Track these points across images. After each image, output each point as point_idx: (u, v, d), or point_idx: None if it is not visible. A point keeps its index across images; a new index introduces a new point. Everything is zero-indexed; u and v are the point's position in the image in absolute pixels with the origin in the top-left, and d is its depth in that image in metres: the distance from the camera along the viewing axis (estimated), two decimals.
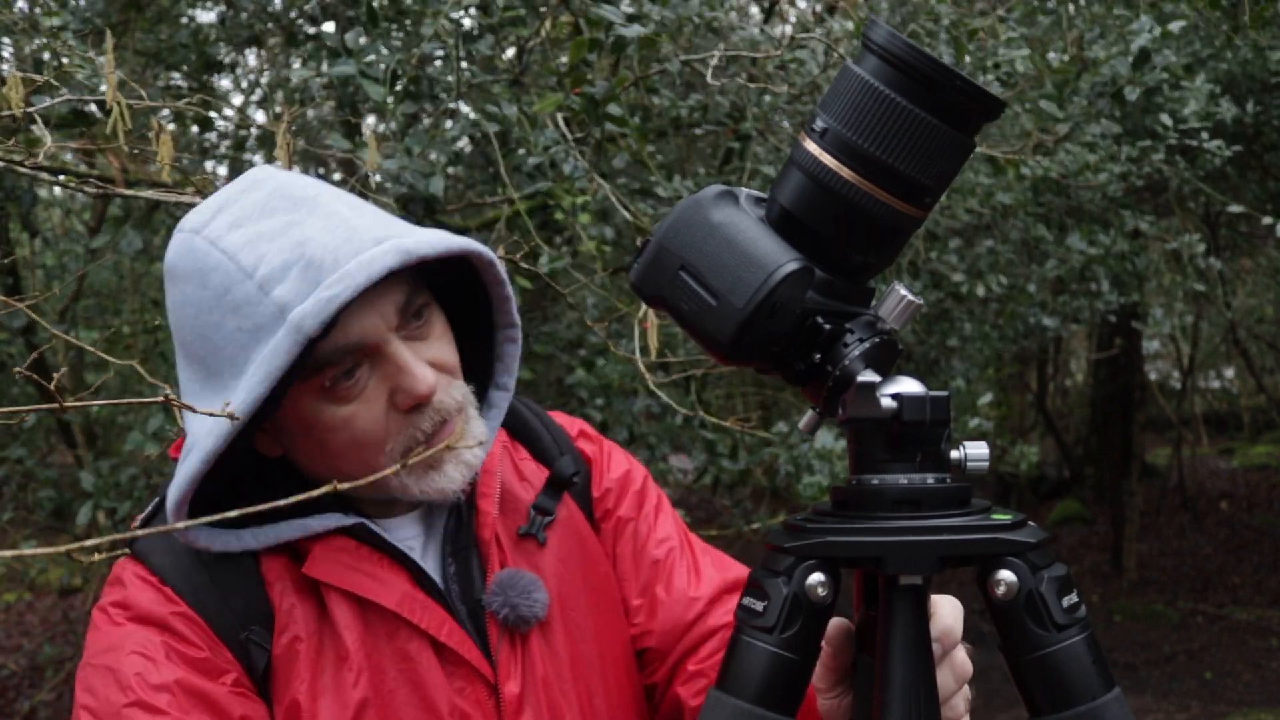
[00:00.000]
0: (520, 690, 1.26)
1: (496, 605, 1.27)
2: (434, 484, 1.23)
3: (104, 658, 1.18)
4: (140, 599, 1.20)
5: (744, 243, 1.06)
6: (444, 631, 1.23)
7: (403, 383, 1.19)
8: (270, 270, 1.14)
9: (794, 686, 1.05)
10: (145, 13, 4.07)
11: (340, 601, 1.22)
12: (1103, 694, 1.03)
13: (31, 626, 8.01)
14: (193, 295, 1.18)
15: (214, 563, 1.22)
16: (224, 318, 1.15)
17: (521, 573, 1.30)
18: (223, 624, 1.20)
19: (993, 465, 1.09)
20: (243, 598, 1.21)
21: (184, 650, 1.18)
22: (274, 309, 1.13)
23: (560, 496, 1.39)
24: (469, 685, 1.24)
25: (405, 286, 1.21)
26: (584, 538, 1.40)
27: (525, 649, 1.29)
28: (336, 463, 1.22)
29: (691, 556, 1.45)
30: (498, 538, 1.32)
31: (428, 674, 1.23)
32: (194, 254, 1.18)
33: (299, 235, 1.16)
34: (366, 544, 1.25)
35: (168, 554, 1.22)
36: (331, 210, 1.19)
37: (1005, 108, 1.05)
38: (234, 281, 1.15)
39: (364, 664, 1.21)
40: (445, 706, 1.22)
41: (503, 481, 1.36)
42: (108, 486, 3.67)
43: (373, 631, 1.22)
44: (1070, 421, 13.82)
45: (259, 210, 1.18)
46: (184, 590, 1.20)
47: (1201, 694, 7.30)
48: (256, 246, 1.16)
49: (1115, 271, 5.44)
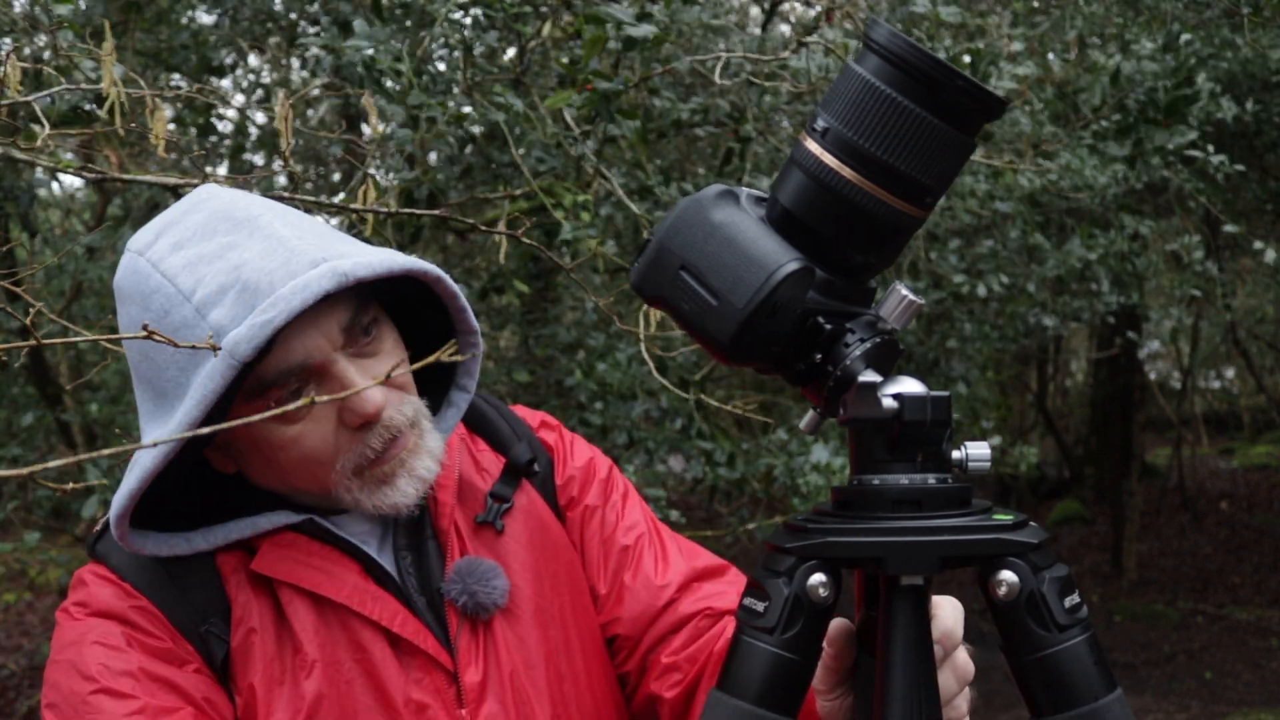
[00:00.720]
0: (482, 678, 1.27)
1: (455, 593, 1.28)
2: (387, 499, 1.25)
3: (66, 652, 1.20)
4: (100, 595, 1.22)
5: (744, 242, 1.06)
6: (396, 622, 1.25)
7: (350, 402, 1.20)
8: (207, 294, 1.15)
9: (795, 687, 1.05)
10: (145, 14, 4.07)
11: (294, 596, 1.24)
12: (1105, 694, 1.03)
13: (31, 626, 8.01)
14: (137, 317, 1.19)
15: (172, 561, 1.24)
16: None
17: (480, 560, 1.31)
18: (182, 617, 1.22)
19: (993, 466, 1.09)
20: (201, 592, 1.23)
21: (145, 640, 1.20)
22: (209, 332, 1.14)
23: (518, 484, 1.40)
24: (426, 675, 1.25)
25: (350, 304, 1.22)
26: (547, 525, 1.41)
27: (488, 637, 1.30)
28: (287, 478, 1.24)
29: (660, 544, 1.46)
30: (456, 527, 1.33)
31: (382, 665, 1.24)
32: (137, 275, 1.20)
33: (236, 259, 1.17)
34: (317, 539, 1.27)
35: (126, 554, 1.24)
36: (271, 232, 1.19)
37: (1007, 107, 1.04)
38: (173, 305, 1.17)
39: (318, 656, 1.22)
40: (400, 697, 1.23)
41: (460, 472, 1.37)
42: (114, 482, 3.68)
43: (327, 624, 1.24)
44: (1070, 421, 13.82)
45: (199, 232, 1.20)
46: (142, 585, 1.22)
47: (1201, 694, 7.30)
48: (195, 269, 1.17)
49: (1115, 272, 5.44)
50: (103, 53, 1.89)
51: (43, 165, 2.13)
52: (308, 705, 1.21)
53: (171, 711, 1.16)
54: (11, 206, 3.59)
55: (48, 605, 8.19)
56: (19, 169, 3.68)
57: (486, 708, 1.27)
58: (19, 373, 4.95)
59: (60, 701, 1.17)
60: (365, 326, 1.23)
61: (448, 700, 1.25)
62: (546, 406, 4.20)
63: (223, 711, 1.20)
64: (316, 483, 1.23)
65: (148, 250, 1.21)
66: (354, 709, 1.22)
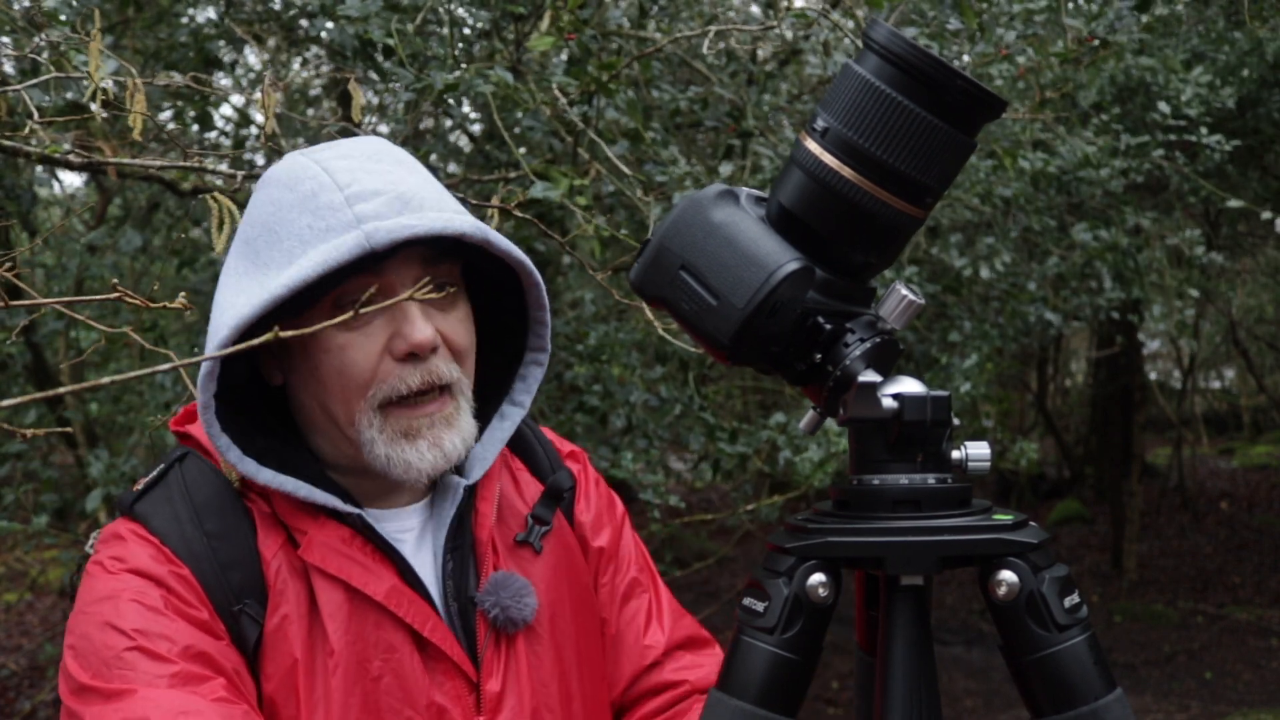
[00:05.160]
0: (501, 689, 1.30)
1: (488, 605, 1.30)
2: (402, 454, 1.26)
3: (100, 606, 1.19)
4: (139, 553, 1.22)
5: (744, 242, 1.06)
6: (428, 627, 1.27)
7: (403, 328, 1.24)
8: (360, 190, 1.22)
9: (794, 687, 1.05)
10: (144, 12, 4.07)
11: (329, 589, 1.24)
12: (1104, 694, 1.03)
13: (31, 626, 8.01)
14: (277, 196, 1.26)
15: (216, 534, 1.24)
16: (300, 215, 1.23)
17: (515, 576, 1.33)
18: (219, 593, 1.22)
19: (992, 463, 1.09)
20: (239, 572, 1.23)
21: (183, 608, 1.20)
22: (351, 218, 1.20)
23: (555, 508, 1.43)
24: (449, 680, 1.27)
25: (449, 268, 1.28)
26: (572, 551, 1.44)
27: (511, 650, 1.32)
28: (323, 394, 1.27)
29: (656, 602, 1.50)
30: (494, 541, 1.36)
31: (408, 666, 1.26)
32: (295, 167, 1.28)
33: (396, 177, 1.26)
34: (361, 535, 1.28)
35: (171, 520, 1.24)
36: (430, 178, 1.30)
37: (1007, 106, 1.04)
38: (323, 189, 1.23)
39: (345, 650, 1.23)
40: (423, 699, 1.25)
41: (501, 489, 1.40)
42: (114, 476, 3.68)
43: (359, 619, 1.25)
44: (1070, 421, 13.81)
45: (367, 157, 1.28)
46: (183, 555, 1.22)
47: (1201, 694, 7.29)
48: (355, 172, 1.25)
49: (1117, 268, 5.43)
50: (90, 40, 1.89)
51: (31, 153, 2.12)
52: (339, 697, 1.22)
53: (205, 680, 1.16)
54: (12, 206, 3.59)
55: (48, 605, 8.19)
56: (19, 168, 3.68)
57: (503, 718, 1.29)
58: (20, 373, 4.95)
59: (90, 653, 1.17)
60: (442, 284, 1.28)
61: (466, 707, 1.28)
62: (544, 394, 4.21)
63: (249, 688, 1.21)
64: (346, 407, 1.25)
65: (313, 153, 1.29)
66: (379, 706, 1.24)
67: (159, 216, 5.31)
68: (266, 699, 1.22)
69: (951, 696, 6.82)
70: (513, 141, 3.04)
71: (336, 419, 1.27)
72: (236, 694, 1.18)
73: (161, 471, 1.29)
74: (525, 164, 2.88)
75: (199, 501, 1.25)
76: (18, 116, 2.09)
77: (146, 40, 4.18)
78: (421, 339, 1.23)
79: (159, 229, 5.30)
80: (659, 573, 1.56)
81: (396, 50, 2.80)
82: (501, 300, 1.38)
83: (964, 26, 3.52)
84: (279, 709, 1.21)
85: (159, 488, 1.27)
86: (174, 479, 1.27)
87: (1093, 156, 4.55)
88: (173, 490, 1.26)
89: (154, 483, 1.28)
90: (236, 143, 4.39)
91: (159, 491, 1.27)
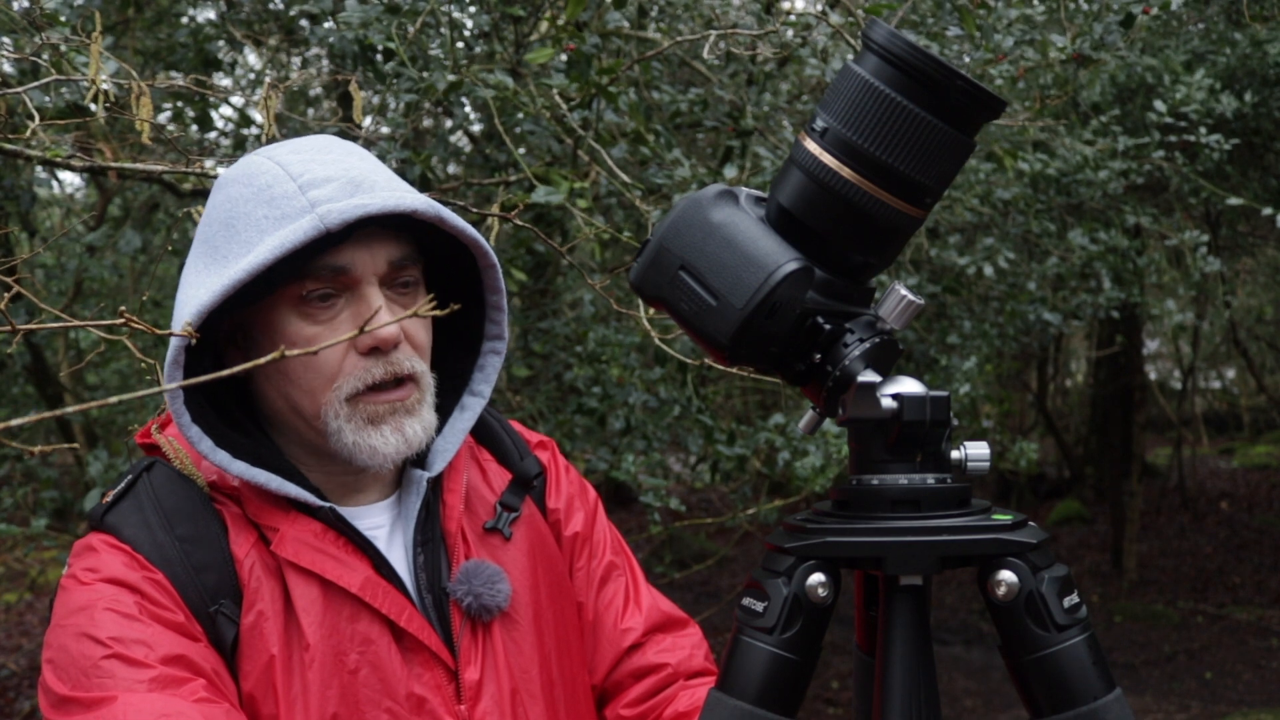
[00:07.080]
0: (480, 677, 1.31)
1: (461, 594, 1.32)
2: (367, 440, 1.28)
3: (75, 617, 1.20)
4: (111, 562, 1.23)
5: (744, 243, 1.06)
6: (404, 617, 1.28)
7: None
8: (313, 178, 1.26)
9: (794, 687, 1.05)
10: (144, 12, 4.07)
11: (303, 583, 1.25)
12: (1104, 694, 1.03)
13: (31, 626, 8.01)
14: (234, 193, 1.29)
15: (188, 538, 1.25)
16: (256, 208, 1.25)
17: (486, 564, 1.35)
18: (193, 595, 1.23)
19: (992, 463, 1.09)
20: (213, 573, 1.24)
21: (158, 612, 1.20)
22: (305, 203, 1.23)
23: (524, 496, 1.45)
24: (427, 671, 1.28)
25: (404, 250, 1.30)
26: (545, 537, 1.45)
27: (488, 638, 1.33)
28: (288, 387, 1.28)
29: (633, 586, 1.51)
30: (463, 531, 1.37)
31: (386, 658, 1.26)
32: (250, 165, 1.31)
33: (347, 164, 1.29)
34: (333, 529, 1.29)
35: (141, 527, 1.25)
36: (381, 165, 1.33)
37: (1006, 106, 1.04)
38: (277, 181, 1.27)
39: (320, 644, 1.24)
40: (402, 690, 1.26)
41: (468, 480, 1.41)
42: (114, 476, 3.69)
43: (334, 613, 1.25)
44: (1070, 421, 13.81)
45: (318, 149, 1.32)
46: (155, 560, 1.23)
47: (1201, 694, 7.29)
48: (307, 163, 1.28)
49: (1116, 268, 5.43)
50: (91, 41, 1.89)
51: (32, 155, 2.13)
52: (316, 691, 1.23)
53: (185, 682, 1.16)
54: (12, 206, 3.59)
55: (47, 606, 8.18)
56: (19, 168, 3.68)
57: (483, 705, 1.30)
58: (19, 373, 4.95)
59: (68, 664, 1.17)
60: (405, 280, 1.31)
61: (446, 696, 1.29)
62: (544, 395, 4.21)
63: (229, 688, 1.22)
64: (312, 399, 1.27)
65: (266, 151, 1.33)
66: (358, 698, 1.24)
67: (159, 217, 5.32)
68: (246, 697, 1.22)
69: (951, 696, 6.82)
70: (512, 143, 3.04)
71: (303, 412, 1.29)
72: (217, 694, 1.18)
73: (130, 482, 1.29)
74: (525, 166, 2.88)
75: (169, 507, 1.26)
76: (18, 118, 2.09)
77: (146, 41, 4.18)
78: (387, 334, 1.26)
79: (159, 229, 5.30)
80: (639, 564, 1.57)
81: (397, 52, 2.80)
82: (460, 288, 1.39)
83: (963, 33, 3.52)
84: (258, 706, 1.22)
85: (128, 498, 1.28)
86: (143, 488, 1.28)
87: (1091, 158, 4.55)
88: (142, 499, 1.27)
89: (123, 494, 1.29)
90: (236, 143, 4.39)
91: (128, 501, 1.27)
